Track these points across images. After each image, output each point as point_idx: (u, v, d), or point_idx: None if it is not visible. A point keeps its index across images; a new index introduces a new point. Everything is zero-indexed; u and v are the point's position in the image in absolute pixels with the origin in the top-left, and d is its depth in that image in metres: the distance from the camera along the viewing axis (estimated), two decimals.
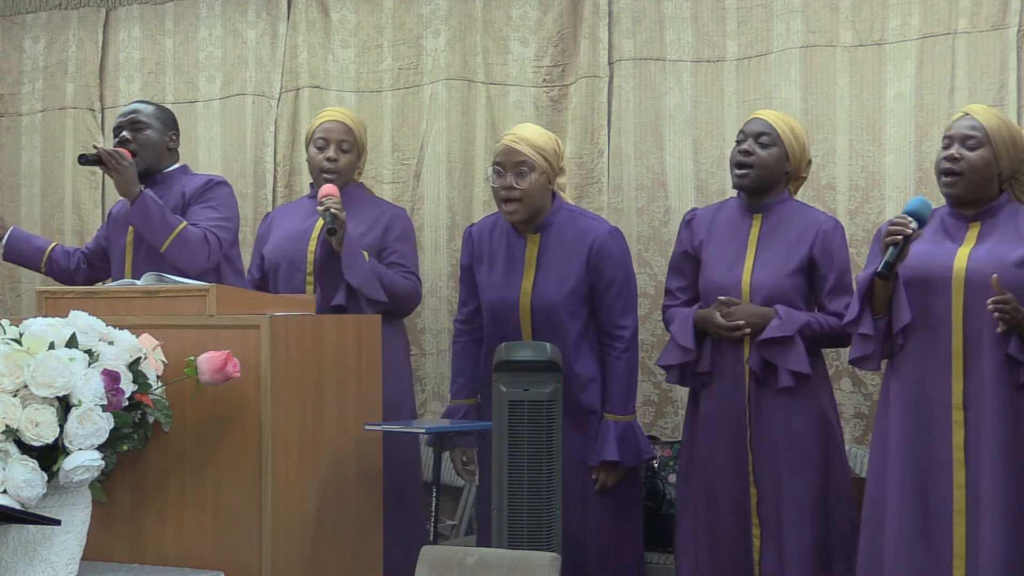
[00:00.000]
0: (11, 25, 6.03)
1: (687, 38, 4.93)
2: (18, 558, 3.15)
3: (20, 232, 4.90)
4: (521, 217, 4.22)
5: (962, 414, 3.73)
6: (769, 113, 4.22)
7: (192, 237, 4.44)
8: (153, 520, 3.67)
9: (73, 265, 4.87)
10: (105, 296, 3.86)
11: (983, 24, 4.52)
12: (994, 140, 3.78)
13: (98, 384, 3.17)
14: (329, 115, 4.75)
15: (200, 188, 4.60)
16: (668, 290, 4.34)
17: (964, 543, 3.70)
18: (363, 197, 4.72)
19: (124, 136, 4.63)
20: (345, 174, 4.66)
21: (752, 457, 4.08)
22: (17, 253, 4.85)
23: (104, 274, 4.92)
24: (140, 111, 4.69)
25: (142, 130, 4.64)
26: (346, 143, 4.67)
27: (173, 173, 4.68)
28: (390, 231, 4.63)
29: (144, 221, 4.44)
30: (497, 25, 5.22)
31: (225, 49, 5.66)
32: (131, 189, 4.44)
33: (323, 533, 3.74)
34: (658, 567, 4.53)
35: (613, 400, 4.20)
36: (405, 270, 4.61)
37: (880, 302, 3.79)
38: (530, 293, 4.23)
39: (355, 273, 4.41)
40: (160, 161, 4.67)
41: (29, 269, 4.96)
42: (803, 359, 4.00)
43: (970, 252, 3.77)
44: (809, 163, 4.27)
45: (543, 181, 4.21)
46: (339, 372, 3.83)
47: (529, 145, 4.20)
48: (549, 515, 3.59)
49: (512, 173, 4.18)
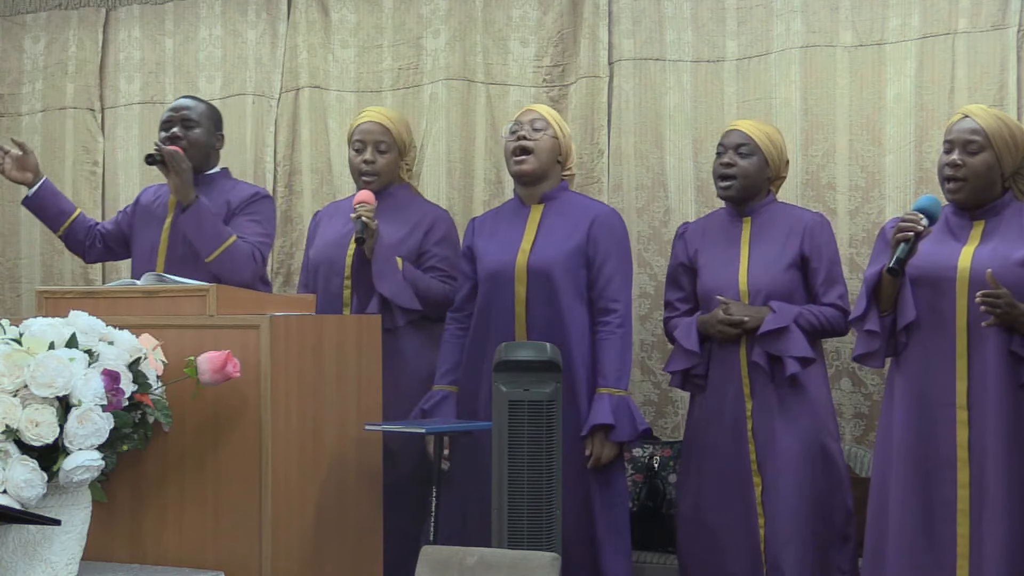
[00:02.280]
0: (11, 25, 6.03)
1: (687, 38, 4.93)
2: (18, 558, 3.15)
3: (52, 187, 4.70)
4: (530, 167, 4.33)
5: (966, 413, 3.73)
6: (744, 123, 4.32)
7: (241, 252, 4.36)
8: (153, 520, 3.67)
9: (89, 241, 4.75)
10: (105, 296, 3.86)
11: (983, 24, 4.52)
12: (995, 142, 3.79)
13: (98, 384, 3.17)
14: (366, 116, 4.71)
15: (247, 200, 4.51)
16: (667, 303, 4.41)
17: (968, 542, 3.70)
18: (406, 198, 4.66)
19: (175, 133, 4.53)
20: (385, 175, 4.62)
21: (755, 447, 4.12)
22: (42, 207, 4.67)
23: (118, 257, 4.84)
24: (192, 108, 4.59)
25: (192, 128, 4.55)
26: (383, 144, 4.62)
27: (216, 177, 4.60)
28: (431, 234, 4.58)
29: (197, 229, 4.35)
30: (497, 25, 5.22)
31: (225, 49, 5.66)
32: (188, 193, 4.35)
33: (323, 533, 3.74)
34: (658, 567, 4.53)
35: (607, 374, 4.22)
36: (444, 274, 4.55)
37: (886, 299, 3.80)
38: (528, 252, 4.29)
39: (385, 283, 4.39)
40: (206, 162, 4.58)
41: (45, 226, 4.80)
42: (804, 344, 4.09)
43: (974, 251, 3.77)
44: (787, 163, 4.37)
45: (555, 146, 4.37)
46: (339, 372, 3.83)
47: (547, 113, 4.42)
48: (549, 515, 3.59)
49: (528, 127, 4.35)
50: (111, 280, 5.67)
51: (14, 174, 4.57)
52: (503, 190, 5.10)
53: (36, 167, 4.63)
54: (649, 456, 4.70)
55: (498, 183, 5.15)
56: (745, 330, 4.12)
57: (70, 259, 5.85)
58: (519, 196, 4.42)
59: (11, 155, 4.55)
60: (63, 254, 5.86)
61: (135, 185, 5.74)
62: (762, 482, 4.12)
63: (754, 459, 4.13)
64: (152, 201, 4.65)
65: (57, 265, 5.90)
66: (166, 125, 4.57)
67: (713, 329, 4.17)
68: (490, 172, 5.18)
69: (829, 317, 4.16)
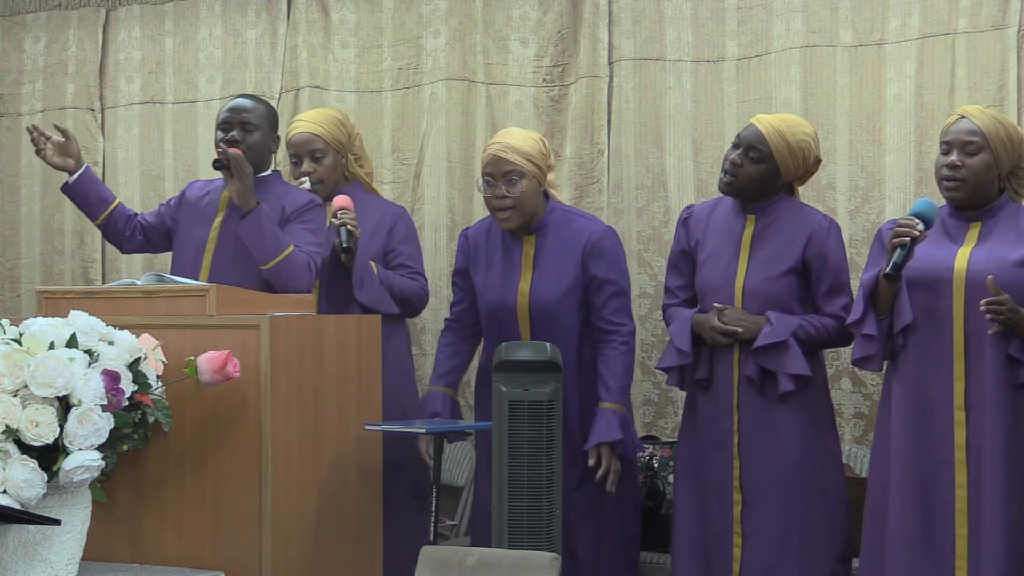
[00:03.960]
0: (11, 25, 6.03)
1: (687, 38, 4.93)
2: (18, 558, 3.15)
3: (92, 175, 4.57)
4: (516, 224, 4.25)
5: (963, 414, 3.73)
6: (767, 124, 4.09)
7: (298, 262, 4.23)
8: (153, 520, 3.67)
9: (129, 231, 4.60)
10: (105, 296, 3.86)
11: (983, 24, 4.52)
12: (993, 143, 3.79)
13: (98, 384, 3.17)
14: (293, 127, 4.66)
15: (302, 207, 4.37)
16: (667, 288, 4.32)
17: (966, 543, 3.70)
18: (361, 196, 4.62)
19: (235, 137, 4.39)
20: (329, 180, 4.61)
21: (739, 464, 4.05)
22: (81, 195, 4.54)
23: (158, 250, 4.70)
24: (251, 111, 4.44)
25: (252, 132, 4.41)
26: (317, 152, 4.60)
27: (269, 180, 4.45)
28: (394, 233, 4.59)
29: (257, 236, 4.21)
30: (497, 25, 5.22)
31: (225, 49, 5.66)
32: (249, 199, 4.22)
33: (323, 533, 3.74)
34: (658, 567, 4.53)
35: (611, 390, 4.18)
36: (412, 271, 4.58)
37: (884, 303, 3.80)
38: (528, 294, 4.24)
39: (365, 291, 4.39)
40: (262, 164, 4.45)
41: (84, 214, 4.67)
42: (801, 362, 3.97)
43: (971, 253, 3.77)
44: (818, 161, 4.19)
45: (534, 185, 4.23)
46: (339, 372, 3.83)
47: (516, 152, 4.20)
48: (549, 515, 3.59)
49: (503, 182, 4.20)
50: (111, 280, 5.67)
51: (56, 160, 4.46)
52: None
53: (78, 154, 4.51)
54: (649, 456, 4.70)
55: None
56: (739, 341, 4.02)
57: (70, 259, 5.85)
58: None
59: (53, 140, 4.46)
60: (63, 254, 5.86)
61: (135, 185, 5.75)
62: (742, 500, 4.03)
63: (737, 475, 4.03)
64: (201, 197, 4.52)
65: (57, 265, 5.90)
66: (225, 126, 4.42)
67: (707, 334, 4.07)
68: None
69: (830, 329, 4.02)
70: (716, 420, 4.08)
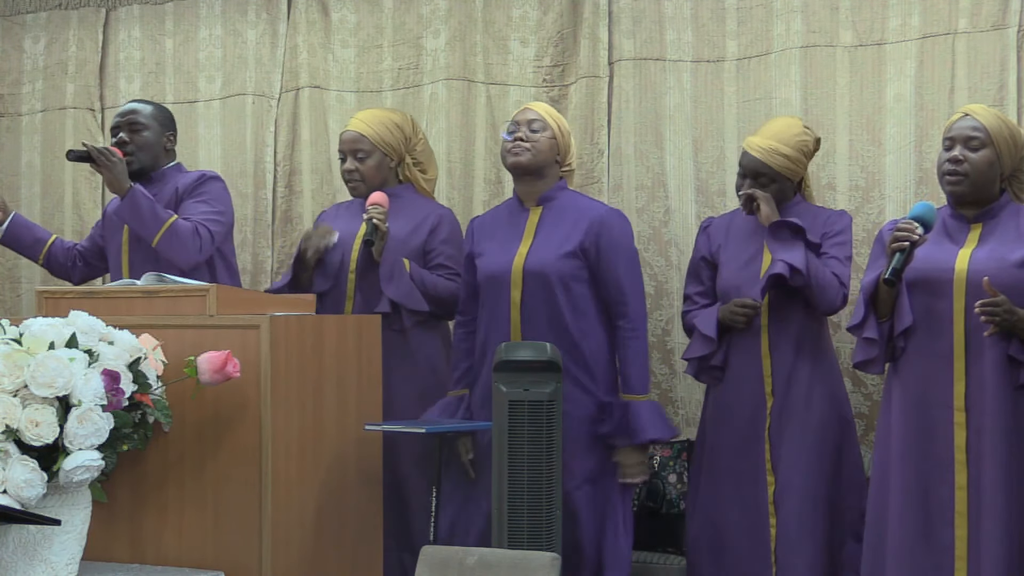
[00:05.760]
0: (11, 25, 6.03)
1: (687, 38, 4.93)
2: (18, 558, 3.15)
3: (22, 219, 4.83)
4: (525, 160, 4.27)
5: (963, 415, 3.73)
6: (760, 146, 4.19)
7: (183, 230, 4.43)
8: (153, 520, 3.68)
9: (70, 263, 4.85)
10: (105, 296, 3.87)
11: (983, 24, 4.51)
12: (996, 140, 3.79)
13: (98, 384, 3.17)
14: (349, 124, 4.72)
15: (193, 183, 4.59)
16: (687, 296, 4.39)
17: (966, 544, 3.70)
18: (409, 197, 4.65)
19: (122, 138, 4.63)
20: (371, 179, 4.62)
21: (770, 447, 4.10)
22: (16, 240, 4.79)
23: (100, 272, 4.90)
24: (139, 112, 4.68)
25: (140, 131, 4.65)
26: (361, 152, 4.62)
27: (167, 171, 4.69)
28: (437, 232, 4.58)
29: (134, 215, 4.44)
30: (497, 25, 5.22)
31: (225, 49, 5.66)
32: (121, 185, 4.44)
33: (323, 533, 3.74)
34: (658, 567, 4.53)
35: (631, 382, 4.19)
36: (450, 272, 4.54)
37: (884, 306, 3.80)
38: (525, 256, 4.25)
39: (393, 285, 4.40)
40: (157, 161, 4.68)
41: (26, 258, 4.92)
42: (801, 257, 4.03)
43: (971, 253, 3.77)
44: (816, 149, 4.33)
45: (552, 144, 4.32)
46: (339, 372, 3.83)
47: (545, 112, 4.36)
48: (549, 515, 3.59)
49: (526, 128, 4.31)
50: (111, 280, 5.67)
51: None
52: (503, 190, 5.09)
53: (3, 204, 4.75)
54: (649, 456, 4.70)
55: (498, 183, 5.15)
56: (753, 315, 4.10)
57: None
58: (518, 196, 4.40)
59: None
60: None
61: None
62: (775, 481, 4.10)
63: (768, 458, 4.11)
64: (114, 209, 4.67)
65: None
66: (114, 131, 4.66)
67: (729, 316, 4.14)
68: (490, 172, 5.18)
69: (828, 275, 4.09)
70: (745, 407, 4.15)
